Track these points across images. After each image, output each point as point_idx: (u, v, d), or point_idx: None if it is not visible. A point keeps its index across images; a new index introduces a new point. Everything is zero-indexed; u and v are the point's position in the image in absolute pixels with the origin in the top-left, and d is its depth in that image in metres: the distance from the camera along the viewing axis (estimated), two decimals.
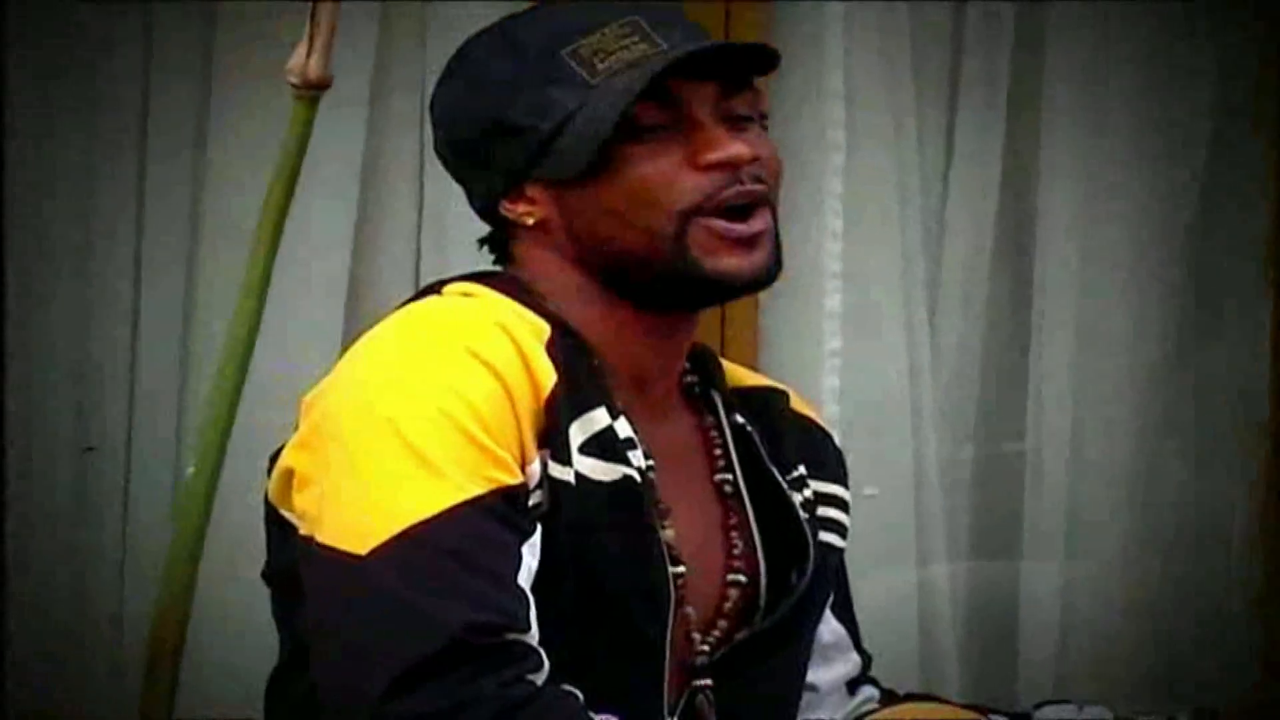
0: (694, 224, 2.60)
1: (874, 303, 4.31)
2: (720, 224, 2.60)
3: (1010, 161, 4.50)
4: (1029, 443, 4.50)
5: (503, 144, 2.69)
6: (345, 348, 3.69)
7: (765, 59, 2.66)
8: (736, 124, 2.64)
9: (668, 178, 2.60)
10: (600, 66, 2.61)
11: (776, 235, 2.63)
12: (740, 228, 2.60)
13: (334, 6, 1.81)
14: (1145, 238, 4.52)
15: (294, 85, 1.77)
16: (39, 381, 4.10)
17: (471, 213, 3.97)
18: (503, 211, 2.75)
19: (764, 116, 2.69)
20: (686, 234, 2.60)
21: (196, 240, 4.14)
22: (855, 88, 4.23)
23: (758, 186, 2.60)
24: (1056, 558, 4.49)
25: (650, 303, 2.71)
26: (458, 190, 4.04)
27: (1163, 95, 4.52)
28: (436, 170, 4.07)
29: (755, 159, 2.59)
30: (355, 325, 3.96)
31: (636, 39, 2.63)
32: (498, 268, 2.82)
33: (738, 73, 2.66)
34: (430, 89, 3.99)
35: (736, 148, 2.57)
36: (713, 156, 2.58)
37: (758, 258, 2.62)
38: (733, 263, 2.61)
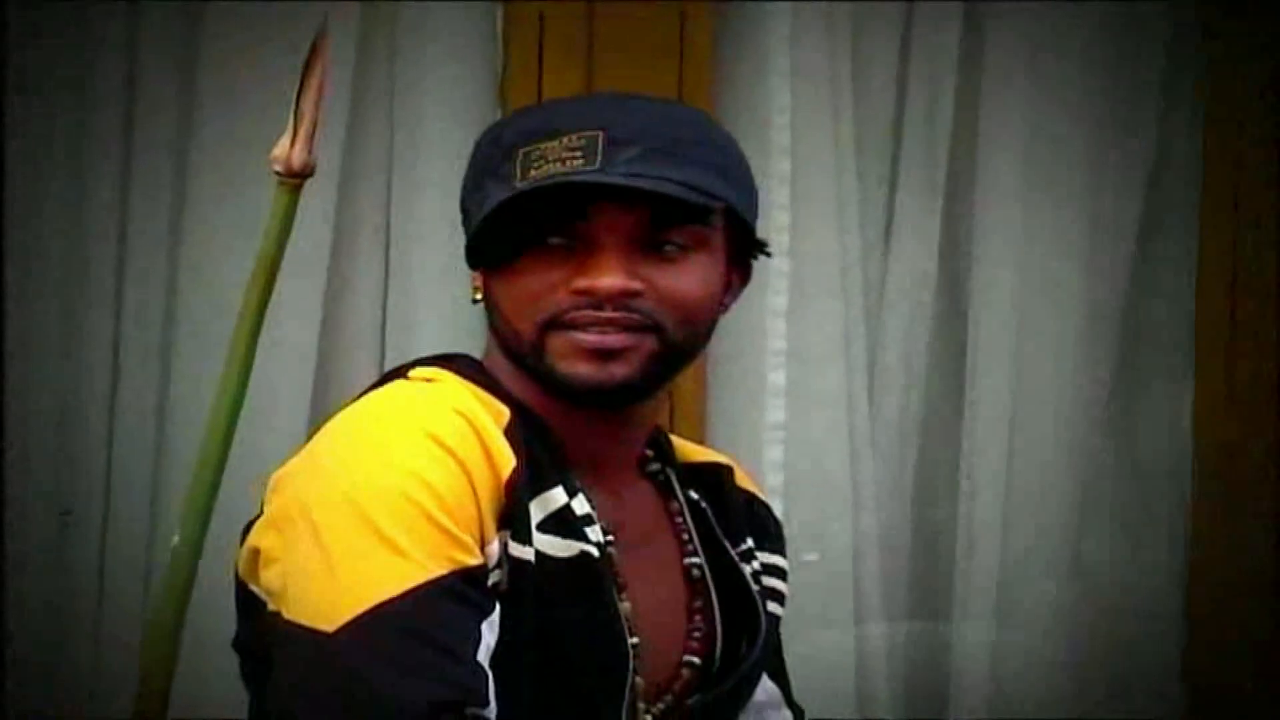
0: (551, 334, 2.68)
1: (815, 377, 4.31)
2: (572, 335, 2.67)
3: (947, 234, 4.52)
4: (962, 510, 4.50)
5: (465, 222, 2.78)
6: (313, 415, 3.80)
7: (697, 206, 2.64)
8: (659, 251, 2.68)
9: (541, 291, 2.66)
10: (532, 173, 2.64)
11: (656, 354, 2.66)
12: (591, 339, 2.65)
13: (316, 98, 1.86)
14: (1077, 315, 4.54)
15: (278, 173, 1.83)
16: (19, 447, 4.09)
17: (434, 288, 4.03)
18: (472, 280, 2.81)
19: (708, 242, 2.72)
20: (545, 342, 2.68)
21: (174, 318, 4.15)
22: (799, 159, 4.26)
23: (618, 315, 2.62)
24: (987, 621, 4.48)
25: (574, 400, 2.76)
26: (422, 265, 4.10)
27: (1096, 181, 4.57)
28: (401, 248, 4.15)
29: (626, 292, 2.64)
30: (323, 393, 4.08)
31: (580, 155, 2.66)
32: (461, 351, 2.86)
33: (676, 208, 2.65)
34: (395, 172, 4.06)
35: (605, 281, 2.61)
36: (579, 283, 2.63)
37: (613, 370, 2.66)
38: (584, 370, 2.65)
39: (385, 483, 2.60)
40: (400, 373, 2.80)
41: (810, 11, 4.37)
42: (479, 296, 2.78)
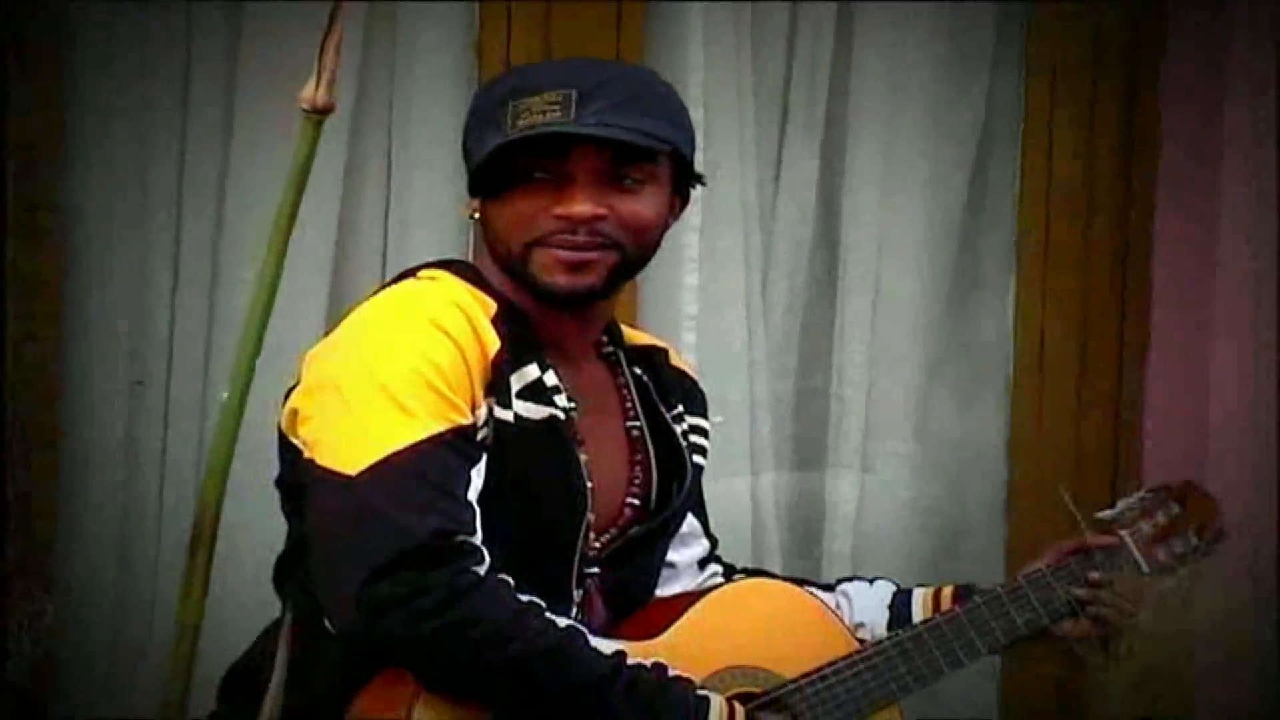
0: (535, 250, 2.74)
1: (721, 279, 4.29)
2: (552, 251, 2.74)
3: (824, 172, 4.48)
4: (834, 381, 4.49)
5: (466, 157, 2.83)
6: (330, 313, 3.78)
7: (651, 148, 2.74)
8: (620, 183, 2.76)
9: (528, 215, 2.75)
10: (519, 123, 2.71)
11: (616, 265, 2.76)
12: (566, 255, 2.74)
13: (335, 52, 1.89)
14: (925, 230, 4.52)
15: (305, 110, 1.84)
16: (102, 332, 4.06)
17: (427, 210, 4.01)
18: (467, 203, 2.87)
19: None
20: (529, 256, 2.74)
21: (221, 229, 4.11)
22: (710, 109, 4.26)
23: (588, 239, 2.73)
24: (855, 471, 4.47)
25: (547, 300, 2.84)
26: (418, 193, 4.08)
27: (941, 129, 4.54)
28: (400, 176, 4.15)
29: (595, 217, 2.72)
30: (337, 295, 4.04)
31: (557, 109, 2.72)
32: (456, 256, 2.98)
33: (633, 149, 2.74)
34: (394, 120, 4.03)
35: (578, 208, 2.71)
36: (558, 210, 2.72)
37: (582, 279, 2.76)
38: (560, 279, 2.74)
39: (398, 359, 2.66)
40: (410, 273, 2.85)
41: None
42: (475, 216, 2.82)
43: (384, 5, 4.07)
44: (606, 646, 2.67)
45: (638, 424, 2.93)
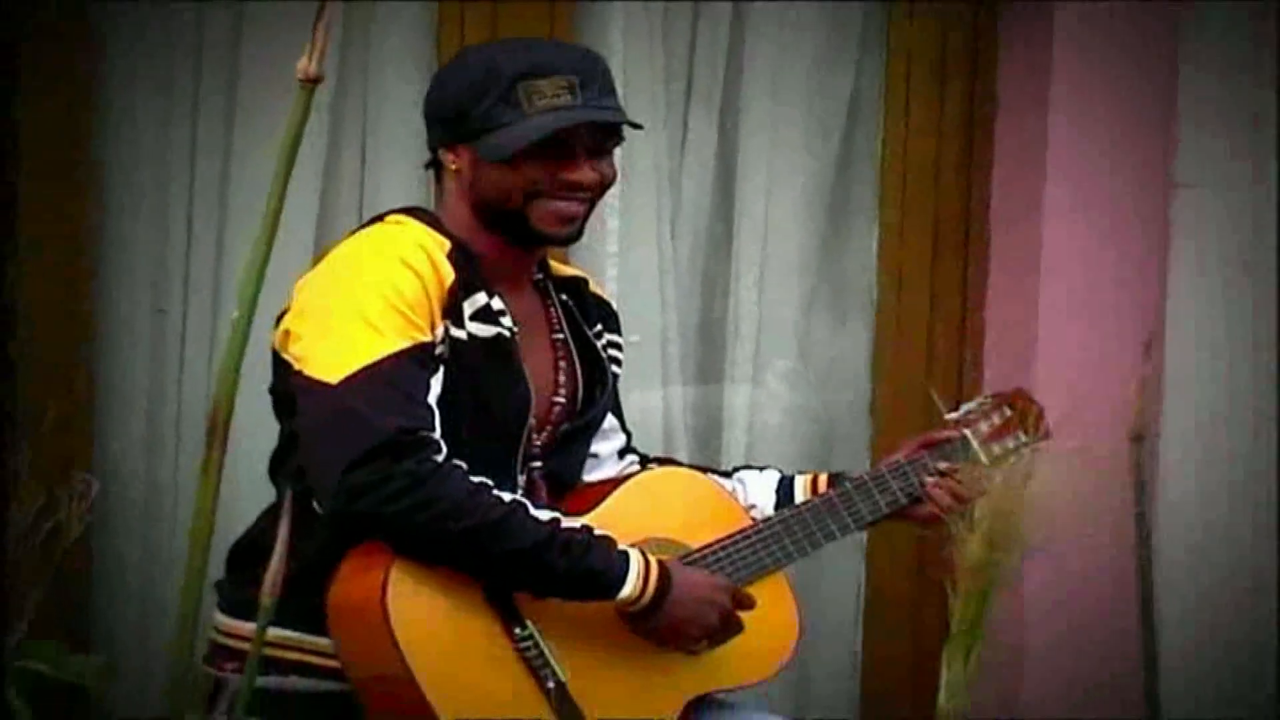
0: (534, 203, 2.81)
1: (637, 223, 4.32)
2: (551, 205, 2.82)
3: (721, 140, 4.48)
4: (730, 309, 4.49)
5: (461, 120, 2.83)
6: (314, 249, 3.82)
7: (620, 127, 2.87)
8: (598, 150, 2.84)
9: (533, 176, 2.79)
10: (537, 103, 2.77)
11: (588, 214, 2.87)
12: (563, 209, 2.83)
13: (325, 30, 1.90)
14: (804, 186, 4.50)
15: (299, 80, 1.85)
16: (126, 274, 4.08)
17: (394, 177, 4.05)
18: (440, 154, 2.89)
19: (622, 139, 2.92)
20: (529, 208, 2.81)
21: (226, 182, 4.12)
22: (629, 89, 4.16)
23: (580, 198, 2.83)
24: (748, 382, 4.47)
25: (511, 238, 2.87)
26: (388, 159, 4.09)
27: (817, 103, 4.52)
28: (373, 142, 4.20)
29: (591, 185, 2.83)
30: (320, 235, 4.06)
31: (566, 94, 2.78)
32: (418, 205, 3.00)
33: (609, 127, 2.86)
34: (370, 99, 4.04)
35: (582, 177, 2.81)
36: (564, 176, 2.80)
37: (570, 230, 2.86)
38: (554, 229, 2.84)
39: (371, 288, 2.72)
40: (380, 218, 2.92)
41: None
42: (454, 167, 2.86)
43: (360, 5, 4.08)
44: (545, 515, 2.71)
45: (562, 337, 2.97)
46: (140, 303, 4.10)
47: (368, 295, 2.68)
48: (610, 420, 3.10)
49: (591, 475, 3.09)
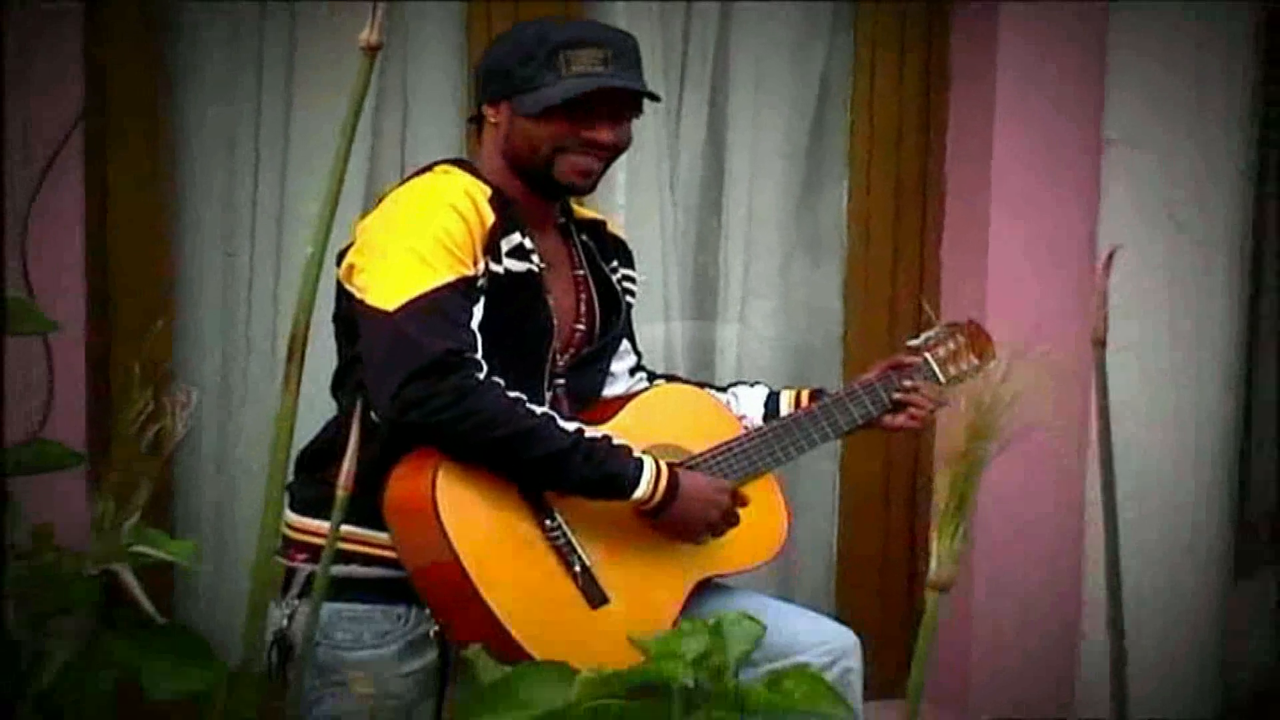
0: (560, 156, 2.84)
1: (642, 180, 4.32)
2: (574, 160, 2.85)
3: (712, 113, 4.46)
4: (720, 257, 4.49)
5: (507, 78, 2.86)
6: (365, 198, 3.92)
7: (645, 94, 2.91)
8: (619, 115, 2.87)
9: (562, 133, 2.83)
10: (573, 69, 2.80)
11: (601, 174, 2.91)
12: (584, 164, 2.87)
13: (384, 8, 1.88)
14: (786, 154, 4.47)
15: (362, 48, 1.83)
16: (202, 216, 4.09)
17: (431, 137, 4.14)
18: (485, 109, 2.90)
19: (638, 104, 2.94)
20: (554, 160, 2.84)
21: (288, 149, 4.09)
22: None
23: (598, 156, 2.87)
24: (736, 319, 4.49)
25: (535, 187, 2.90)
26: (426, 120, 4.09)
27: (795, 79, 4.49)
28: (414, 107, 4.16)
29: (608, 145, 2.87)
30: (370, 186, 4.06)
31: (599, 63, 2.84)
32: (462, 157, 3.06)
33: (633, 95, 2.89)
34: (410, 69, 4.04)
35: (604, 137, 2.85)
36: (587, 135, 2.84)
37: (587, 183, 2.90)
38: (575, 181, 2.89)
39: (423, 229, 2.74)
40: (430, 168, 2.94)
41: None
42: (494, 120, 2.90)
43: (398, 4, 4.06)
44: (570, 426, 2.74)
45: (583, 273, 3.01)
46: (213, 248, 4.10)
47: (421, 234, 2.71)
48: (624, 344, 3.14)
49: (607, 390, 3.12)
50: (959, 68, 4.38)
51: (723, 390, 3.23)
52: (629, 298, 3.11)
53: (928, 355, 3.21)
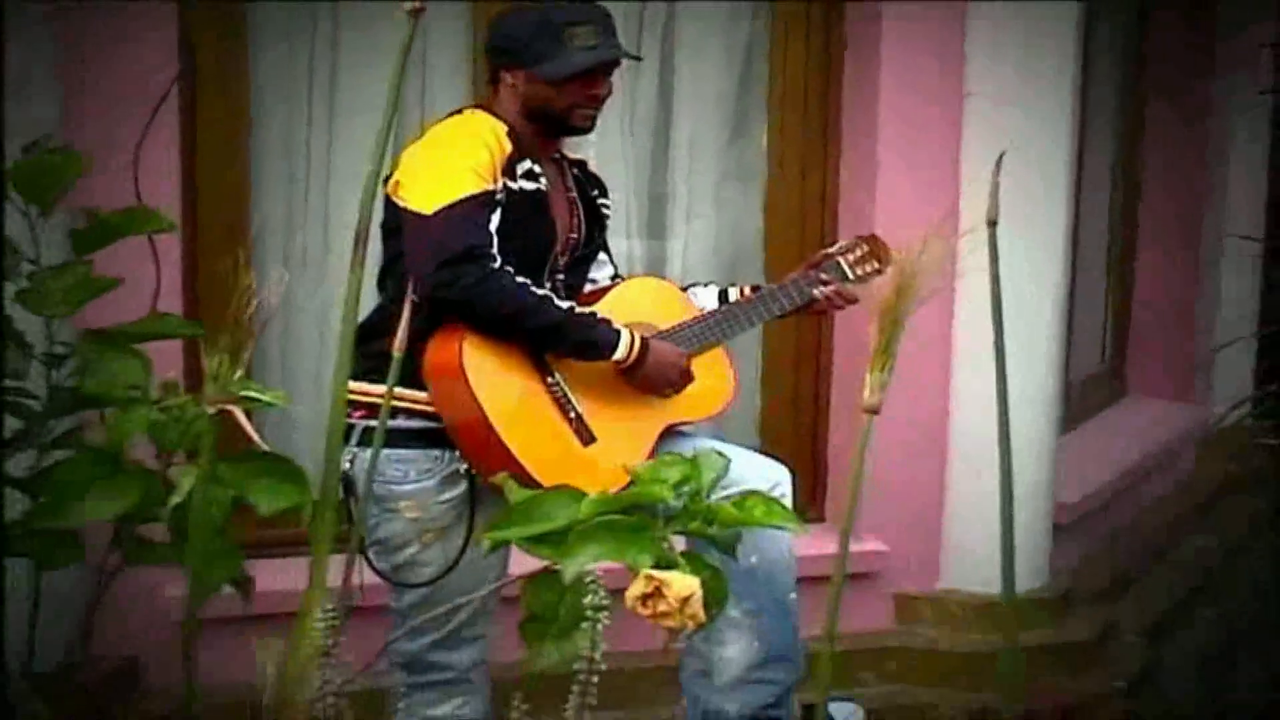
0: (573, 110, 2.85)
1: (607, 125, 4.14)
2: (584, 111, 2.86)
3: (661, 82, 4.40)
4: (668, 188, 4.44)
5: (522, 51, 2.85)
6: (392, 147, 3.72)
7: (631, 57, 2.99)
8: (607, 72, 2.88)
9: (574, 90, 2.84)
10: (575, 44, 2.80)
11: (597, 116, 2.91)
12: (590, 113, 2.89)
13: None
14: (715, 104, 4.42)
15: (407, 11, 1.78)
16: (273, 160, 4.00)
17: (443, 97, 3.96)
18: (500, 74, 2.88)
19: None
20: (570, 109, 2.84)
21: (334, 98, 4.03)
22: None
23: (597, 106, 2.88)
24: (681, 237, 4.45)
25: (547, 129, 2.89)
26: (440, 84, 4.06)
27: (725, 50, 4.44)
28: (430, 74, 4.05)
29: (604, 97, 2.88)
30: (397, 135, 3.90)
31: (597, 38, 2.85)
32: (486, 104, 2.93)
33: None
34: (430, 44, 4.03)
35: (603, 89, 2.88)
36: (592, 91, 2.86)
37: (590, 124, 2.92)
38: (584, 124, 2.90)
39: (455, 155, 2.73)
40: (458, 111, 2.91)
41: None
42: (512, 83, 2.87)
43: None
44: (564, 304, 2.77)
45: (574, 195, 2.98)
46: (278, 173, 4.02)
47: (452, 157, 2.70)
48: (602, 256, 3.12)
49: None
50: (852, 36, 4.33)
51: (684, 289, 3.20)
52: (606, 215, 3.09)
53: (840, 258, 3.20)
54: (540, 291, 2.71)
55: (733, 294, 3.14)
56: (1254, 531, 5.60)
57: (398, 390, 2.66)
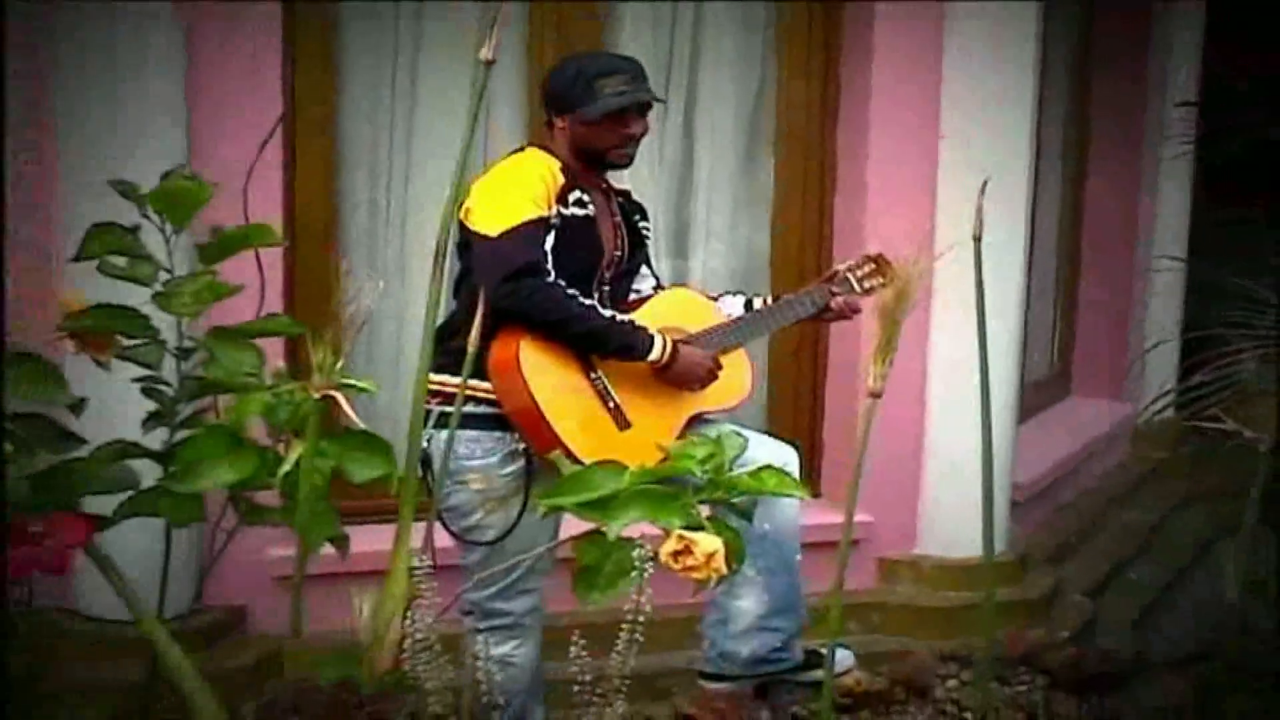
0: (612, 150, 2.77)
1: (640, 167, 4.03)
2: (621, 151, 2.80)
3: (688, 101, 4.32)
4: (691, 211, 4.37)
5: (564, 100, 2.79)
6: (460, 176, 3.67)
7: (658, 100, 2.84)
8: (640, 113, 2.80)
9: (610, 131, 2.80)
10: (606, 91, 2.74)
11: (635, 153, 2.84)
12: (628, 152, 2.82)
13: (499, 24, 1.78)
14: (732, 135, 4.37)
15: (481, 62, 1.75)
16: (355, 160, 3.94)
17: (501, 137, 3.87)
18: (554, 118, 2.82)
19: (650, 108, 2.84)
20: (609, 150, 2.77)
21: (412, 134, 3.97)
22: None
23: (636, 141, 2.81)
24: (701, 254, 4.39)
25: (591, 164, 2.82)
26: (497, 124, 3.95)
27: (740, 74, 4.36)
28: (493, 118, 3.96)
29: (638, 135, 2.81)
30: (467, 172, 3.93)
31: (626, 84, 2.76)
32: (543, 143, 2.88)
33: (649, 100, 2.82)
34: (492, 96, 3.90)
35: (636, 128, 2.80)
36: (626, 132, 2.75)
37: (627, 160, 2.80)
38: (622, 161, 2.81)
39: (517, 187, 2.69)
40: (519, 150, 2.87)
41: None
42: (561, 126, 2.82)
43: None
44: (608, 313, 2.73)
45: (618, 220, 2.93)
46: (363, 200, 3.98)
47: (514, 189, 2.67)
48: (645, 270, 3.06)
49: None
50: (846, 83, 4.29)
51: (715, 299, 3.15)
52: (648, 237, 3.05)
53: (849, 275, 3.15)
54: (587, 302, 2.68)
55: (756, 303, 3.10)
56: (1176, 508, 5.60)
57: (470, 381, 2.67)
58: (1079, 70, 5.87)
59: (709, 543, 1.75)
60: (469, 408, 2.68)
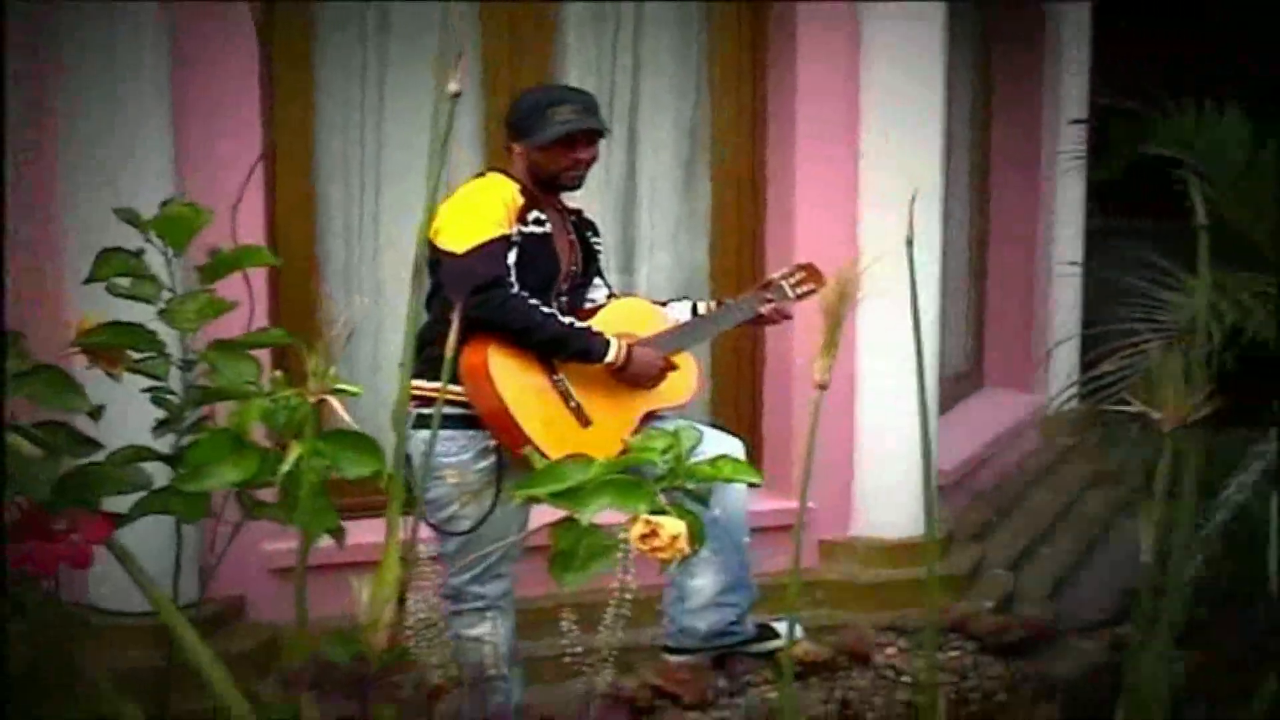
0: (563, 173, 2.80)
1: (588, 188, 4.08)
2: (570, 173, 2.81)
3: (631, 111, 4.30)
4: (637, 225, 4.39)
5: (519, 127, 2.81)
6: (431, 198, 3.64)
7: (604, 130, 2.85)
8: (591, 142, 2.81)
9: (561, 154, 2.83)
10: (556, 119, 2.74)
11: (584, 177, 2.87)
12: (576, 176, 2.84)
13: (460, 63, 1.76)
14: (673, 149, 4.38)
15: (450, 94, 1.74)
16: (335, 181, 3.92)
17: (464, 163, 3.73)
18: (512, 143, 2.84)
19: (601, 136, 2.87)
20: (560, 171, 2.78)
21: (381, 156, 3.96)
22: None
23: (583, 165, 2.84)
24: (646, 264, 4.41)
25: (546, 186, 2.83)
26: (460, 152, 3.85)
27: (677, 85, 4.38)
28: (456, 144, 3.86)
29: (586, 160, 2.84)
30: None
31: (577, 115, 2.78)
32: (503, 167, 2.91)
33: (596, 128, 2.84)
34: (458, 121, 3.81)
35: (584, 154, 2.83)
36: (575, 156, 2.79)
37: (576, 183, 2.84)
38: (571, 183, 2.84)
39: (480, 209, 2.72)
40: (482, 174, 2.90)
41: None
42: (516, 150, 2.84)
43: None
44: (566, 320, 2.77)
45: (573, 237, 2.96)
46: (338, 228, 3.98)
47: (479, 210, 2.71)
48: (598, 281, 3.09)
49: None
50: (773, 113, 4.33)
51: (664, 304, 3.20)
52: (600, 252, 3.09)
53: (783, 282, 3.20)
54: (548, 310, 2.72)
55: (701, 308, 3.15)
56: (1083, 489, 5.67)
57: (439, 385, 2.69)
58: (980, 101, 5.94)
59: (674, 525, 1.77)
60: (445, 409, 2.70)
